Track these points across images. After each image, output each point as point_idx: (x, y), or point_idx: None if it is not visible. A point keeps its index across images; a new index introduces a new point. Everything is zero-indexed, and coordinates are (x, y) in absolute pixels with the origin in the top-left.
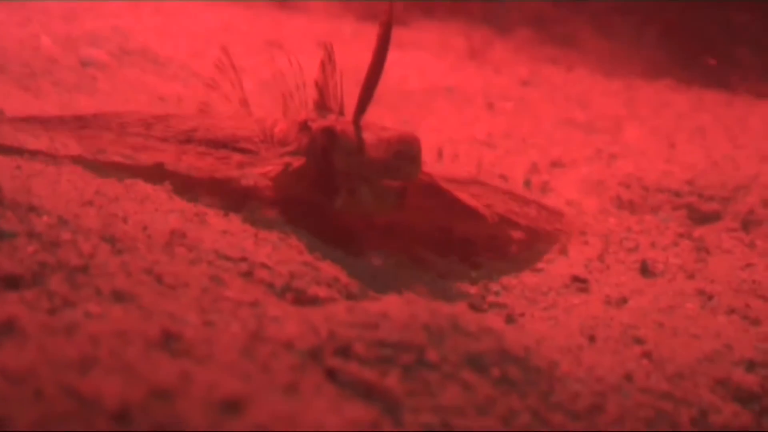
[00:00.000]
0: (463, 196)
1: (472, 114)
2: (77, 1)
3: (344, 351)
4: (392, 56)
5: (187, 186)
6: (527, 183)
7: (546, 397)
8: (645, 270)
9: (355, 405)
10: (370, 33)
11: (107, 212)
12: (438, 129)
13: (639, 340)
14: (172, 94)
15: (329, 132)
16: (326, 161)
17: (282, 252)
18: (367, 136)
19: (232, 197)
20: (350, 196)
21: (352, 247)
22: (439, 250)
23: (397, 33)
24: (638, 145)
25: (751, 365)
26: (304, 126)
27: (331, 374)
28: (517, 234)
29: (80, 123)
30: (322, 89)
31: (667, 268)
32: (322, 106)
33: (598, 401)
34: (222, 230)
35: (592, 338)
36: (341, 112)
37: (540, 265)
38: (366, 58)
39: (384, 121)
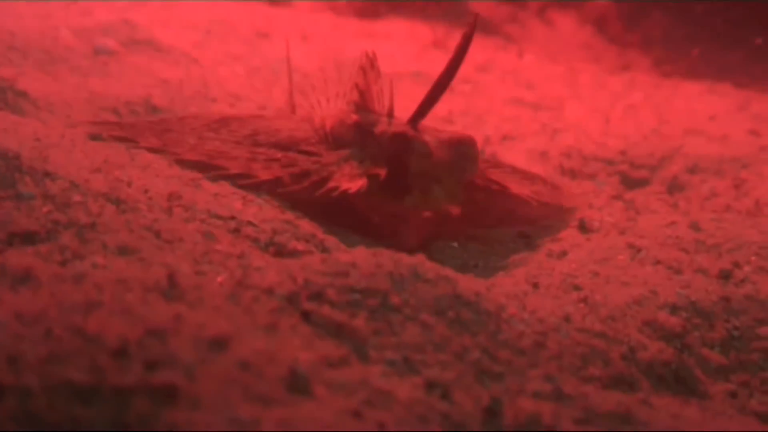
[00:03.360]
0: (511, 184)
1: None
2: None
3: (318, 296)
4: (366, 45)
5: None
6: (482, 153)
7: (494, 335)
8: (583, 227)
9: (327, 342)
10: (347, 25)
11: (114, 177)
12: (406, 108)
13: (577, 287)
14: (173, 77)
15: (403, 137)
16: (399, 163)
17: (266, 212)
18: (429, 139)
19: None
20: (423, 194)
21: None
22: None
23: (370, 25)
24: (578, 120)
25: (674, 308)
26: (357, 128)
27: (306, 316)
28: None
29: (163, 126)
30: (363, 92)
31: (602, 225)
32: (362, 107)
33: (540, 339)
34: (214, 193)
35: (535, 285)
36: (391, 114)
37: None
38: (343, 48)
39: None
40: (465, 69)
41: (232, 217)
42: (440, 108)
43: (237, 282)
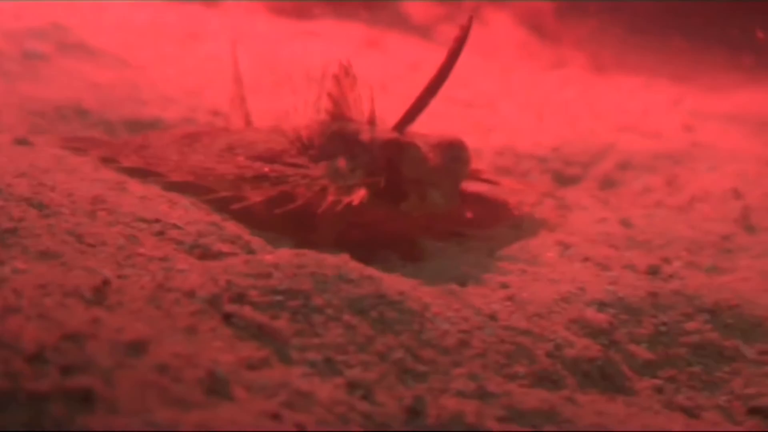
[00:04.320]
0: (484, 188)
1: (369, 94)
2: (23, 1)
3: (240, 297)
4: (302, 45)
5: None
6: None
7: (418, 335)
8: (513, 224)
9: (248, 344)
10: (282, 26)
11: (38, 182)
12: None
13: (504, 285)
14: (104, 81)
15: (396, 144)
16: (393, 170)
17: (192, 214)
18: (420, 144)
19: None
20: (420, 199)
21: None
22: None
23: (305, 25)
24: (511, 118)
25: (601, 305)
26: (341, 137)
27: (228, 318)
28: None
29: (137, 142)
30: (337, 100)
31: (533, 223)
32: (338, 115)
33: (464, 338)
34: (140, 196)
35: (463, 283)
36: (373, 122)
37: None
38: (280, 49)
39: (294, 100)
40: (397, 67)
41: (157, 220)
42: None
43: (158, 285)
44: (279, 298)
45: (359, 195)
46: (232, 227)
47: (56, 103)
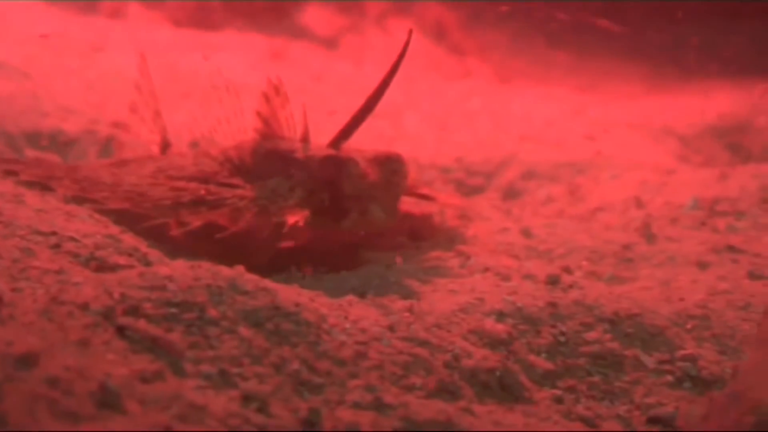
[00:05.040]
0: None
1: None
2: None
3: (134, 310)
4: (206, 56)
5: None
6: None
7: (314, 346)
8: (413, 236)
9: (141, 357)
10: (185, 37)
11: None
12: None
13: (403, 296)
14: (3, 92)
15: (336, 161)
16: (333, 187)
17: (89, 226)
18: (358, 159)
19: None
20: (361, 215)
21: None
22: None
23: (208, 36)
24: (415, 129)
25: (500, 315)
26: (275, 156)
27: (121, 331)
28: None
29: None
30: (267, 119)
31: (433, 233)
32: (267, 134)
33: (361, 349)
34: (37, 209)
35: (362, 295)
36: (306, 139)
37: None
38: (184, 61)
39: (195, 114)
40: (300, 79)
41: (54, 233)
42: None
43: (52, 298)
44: (174, 310)
45: (302, 214)
46: (129, 239)
47: None
